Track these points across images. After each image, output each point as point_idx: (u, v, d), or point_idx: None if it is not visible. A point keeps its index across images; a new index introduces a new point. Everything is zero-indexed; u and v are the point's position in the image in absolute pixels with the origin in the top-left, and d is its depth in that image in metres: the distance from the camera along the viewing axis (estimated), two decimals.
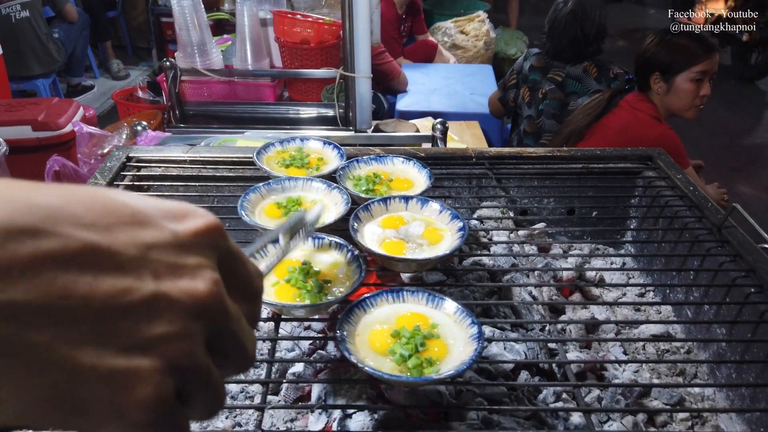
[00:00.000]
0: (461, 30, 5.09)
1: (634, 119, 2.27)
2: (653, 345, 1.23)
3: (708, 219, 1.23)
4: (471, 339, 0.87)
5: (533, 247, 1.39)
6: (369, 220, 1.14)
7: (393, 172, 1.32)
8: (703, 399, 1.13)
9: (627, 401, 1.07)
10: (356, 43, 2.16)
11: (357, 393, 1.03)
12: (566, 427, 0.97)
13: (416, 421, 0.95)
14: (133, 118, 2.71)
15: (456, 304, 0.92)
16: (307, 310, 0.94)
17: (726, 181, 4.37)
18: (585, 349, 1.22)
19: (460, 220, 1.11)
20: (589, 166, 1.44)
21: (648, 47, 2.29)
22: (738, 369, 1.09)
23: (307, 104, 2.82)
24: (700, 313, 1.22)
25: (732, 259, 1.13)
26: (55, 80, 4.88)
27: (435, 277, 1.24)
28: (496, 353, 1.06)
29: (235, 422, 1.05)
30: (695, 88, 2.19)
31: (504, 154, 1.47)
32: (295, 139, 1.40)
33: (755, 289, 1.06)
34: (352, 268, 1.02)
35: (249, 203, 1.16)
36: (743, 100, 6.19)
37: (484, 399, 0.97)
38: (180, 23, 2.67)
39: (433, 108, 3.35)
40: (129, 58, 6.41)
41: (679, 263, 1.27)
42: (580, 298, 1.33)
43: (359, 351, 0.87)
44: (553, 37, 2.79)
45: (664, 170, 1.41)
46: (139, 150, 1.46)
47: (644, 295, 1.37)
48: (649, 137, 2.15)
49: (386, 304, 0.95)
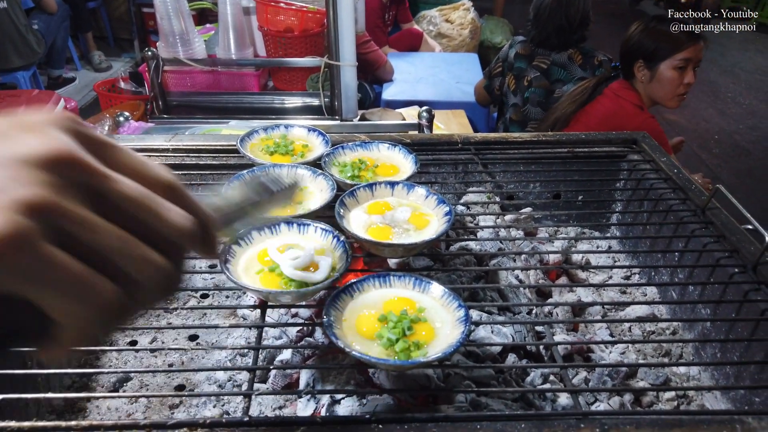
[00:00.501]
0: (446, 18, 5.08)
1: (618, 107, 2.27)
2: (639, 326, 1.24)
3: (692, 201, 1.24)
4: (458, 322, 0.87)
5: (520, 232, 1.39)
6: (355, 206, 1.13)
7: (378, 159, 1.31)
8: (689, 379, 1.14)
9: (614, 382, 1.08)
10: (341, 31, 2.14)
11: (345, 379, 1.03)
12: (554, 408, 0.97)
13: (405, 406, 0.95)
14: (116, 109, 2.67)
15: (443, 288, 0.92)
16: (293, 296, 0.93)
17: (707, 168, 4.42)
18: (572, 331, 1.23)
19: (446, 204, 1.10)
20: (574, 151, 1.44)
21: (632, 35, 2.29)
22: (723, 348, 1.10)
23: (292, 93, 2.80)
24: (685, 293, 1.23)
25: (716, 240, 1.14)
26: (35, 73, 4.80)
27: (422, 262, 1.24)
28: (483, 337, 1.06)
29: (223, 410, 1.04)
30: (679, 75, 2.20)
31: (490, 139, 1.46)
32: (279, 126, 1.39)
33: (739, 269, 1.07)
34: (338, 254, 1.01)
35: None
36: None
37: (472, 382, 0.98)
38: (161, 12, 2.63)
39: (419, 97, 3.35)
40: (111, 50, 6.31)
41: (664, 245, 1.28)
42: (567, 282, 1.34)
43: (346, 336, 0.87)
44: (538, 25, 2.79)
45: (649, 153, 1.42)
46: (121, 139, 1.44)
47: (630, 278, 1.38)
48: (631, 125, 2.16)
49: (373, 289, 0.95)
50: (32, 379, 0.99)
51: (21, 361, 0.96)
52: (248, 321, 1.24)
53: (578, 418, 0.79)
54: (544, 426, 0.77)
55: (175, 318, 1.25)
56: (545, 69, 2.81)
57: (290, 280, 0.95)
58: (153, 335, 1.20)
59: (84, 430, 0.76)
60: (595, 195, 1.47)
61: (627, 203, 1.46)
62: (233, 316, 1.27)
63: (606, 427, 0.77)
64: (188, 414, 1.03)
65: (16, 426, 0.76)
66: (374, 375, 1.00)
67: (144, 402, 1.05)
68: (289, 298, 0.95)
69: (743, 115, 5.73)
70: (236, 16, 2.73)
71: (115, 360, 1.15)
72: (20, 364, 0.96)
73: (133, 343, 1.18)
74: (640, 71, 2.25)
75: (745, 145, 5.17)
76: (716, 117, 5.63)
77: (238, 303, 1.28)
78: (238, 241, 1.01)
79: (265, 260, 0.99)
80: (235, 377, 1.11)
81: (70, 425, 0.76)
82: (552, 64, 2.80)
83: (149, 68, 2.55)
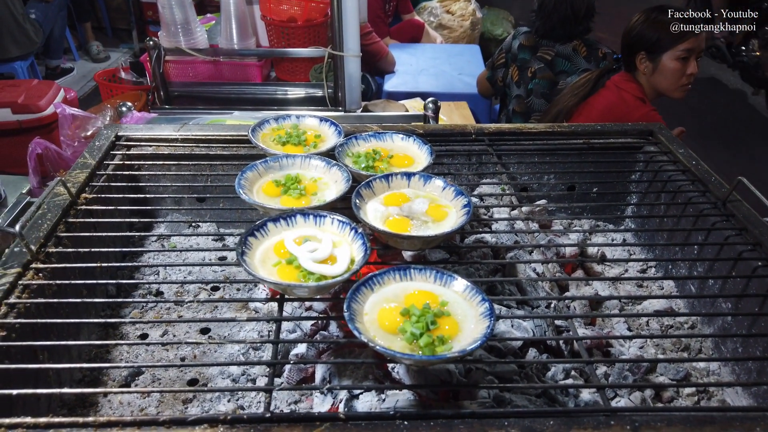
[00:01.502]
0: (447, 9, 5.03)
1: (620, 99, 2.25)
2: (657, 321, 1.22)
3: (712, 193, 1.22)
4: (482, 316, 0.85)
5: (535, 224, 1.37)
6: (371, 198, 1.11)
7: (392, 149, 1.29)
8: (709, 374, 1.13)
9: (634, 377, 1.06)
10: (344, 21, 2.10)
11: (363, 374, 1.01)
12: (576, 404, 0.96)
13: (426, 401, 0.93)
14: (117, 99, 2.63)
15: (466, 282, 0.90)
16: (312, 289, 0.91)
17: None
18: (589, 325, 1.21)
19: (465, 196, 1.08)
20: (590, 142, 1.42)
21: (634, 26, 2.26)
22: (744, 343, 1.08)
23: (295, 84, 2.76)
24: (704, 287, 1.21)
25: (738, 233, 1.12)
26: (33, 63, 4.73)
27: (438, 255, 1.21)
28: (503, 331, 1.04)
29: (238, 405, 1.02)
30: (681, 66, 2.17)
31: (504, 130, 1.44)
32: (290, 116, 1.36)
33: (762, 263, 1.05)
34: (356, 246, 0.99)
35: (246, 181, 1.12)
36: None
37: (494, 377, 0.96)
38: (163, 1, 2.59)
39: (421, 88, 3.32)
40: (109, 40, 6.24)
41: (683, 238, 1.26)
42: (583, 275, 1.32)
43: (368, 330, 0.85)
44: (542, 16, 2.75)
45: (666, 145, 1.39)
46: (128, 129, 1.41)
47: (646, 271, 1.36)
48: (633, 118, 2.14)
49: (393, 282, 0.93)
50: (43, 374, 0.96)
51: (32, 355, 0.94)
52: (261, 314, 1.22)
53: (607, 415, 0.77)
54: (573, 423, 0.75)
55: (186, 311, 1.23)
56: (549, 60, 2.78)
57: (309, 272, 0.93)
58: (164, 328, 1.18)
59: (102, 426, 0.74)
60: (610, 187, 1.45)
61: (643, 195, 1.44)
62: (244, 309, 1.25)
63: (637, 425, 0.75)
64: (202, 409, 1.01)
65: (32, 422, 0.73)
66: (394, 370, 0.98)
67: (156, 396, 1.03)
68: (307, 292, 0.93)
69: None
70: (238, 5, 2.69)
71: (126, 354, 1.12)
72: (31, 358, 0.93)
73: (143, 336, 1.16)
74: (642, 63, 2.23)
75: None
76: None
77: (250, 296, 1.26)
78: (254, 232, 0.99)
79: (282, 252, 0.97)
80: (248, 371, 1.09)
81: (87, 421, 0.74)
82: (556, 56, 2.77)
83: (150, 58, 2.51)
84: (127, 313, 1.22)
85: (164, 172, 1.33)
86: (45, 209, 1.11)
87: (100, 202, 1.18)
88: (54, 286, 0.99)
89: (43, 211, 1.10)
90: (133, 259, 1.35)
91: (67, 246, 1.07)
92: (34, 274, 0.98)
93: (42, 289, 0.97)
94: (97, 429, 0.74)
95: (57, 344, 0.98)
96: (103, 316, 1.20)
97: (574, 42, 2.75)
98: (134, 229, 1.42)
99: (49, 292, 0.99)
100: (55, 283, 0.99)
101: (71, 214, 1.13)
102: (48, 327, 0.98)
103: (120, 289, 1.27)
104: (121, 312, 1.23)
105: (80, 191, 1.18)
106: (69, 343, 1.02)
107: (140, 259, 1.35)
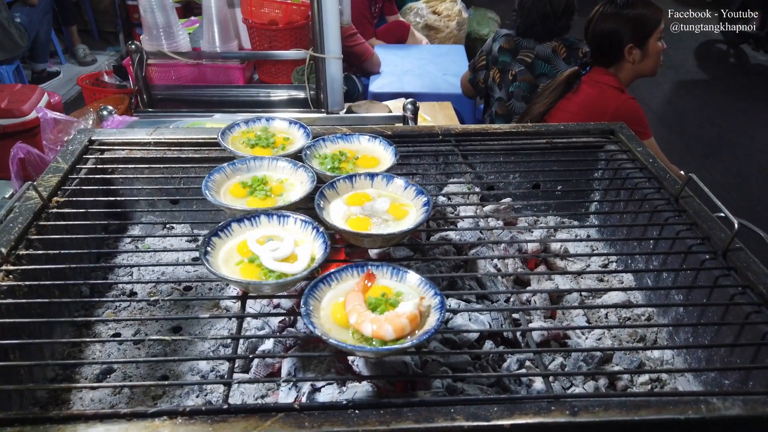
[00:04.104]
0: (433, 10, 5.07)
1: (598, 92, 2.30)
2: (615, 313, 1.26)
3: (666, 189, 1.27)
4: (434, 309, 0.89)
5: (499, 222, 1.41)
6: (335, 198, 1.15)
7: (359, 150, 1.32)
8: (663, 363, 1.17)
9: (588, 367, 1.10)
10: (325, 23, 2.14)
11: (326, 367, 1.05)
12: (528, 392, 1.00)
13: (384, 392, 0.97)
14: (100, 103, 2.66)
15: (419, 276, 0.94)
16: (273, 286, 0.95)
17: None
18: (549, 319, 1.25)
19: (425, 195, 1.12)
20: (553, 141, 1.46)
21: (606, 27, 2.29)
22: (694, 332, 1.13)
23: (277, 86, 2.79)
24: (659, 280, 1.26)
25: (689, 228, 1.17)
26: (18, 67, 4.74)
27: (402, 252, 1.25)
28: (461, 324, 1.08)
29: (206, 400, 1.06)
30: (661, 45, 2.28)
31: (470, 131, 1.48)
32: (260, 119, 1.40)
33: (710, 256, 1.09)
34: (317, 245, 1.03)
35: (214, 183, 1.16)
36: None
37: (448, 368, 1.00)
38: (144, 5, 2.61)
39: (407, 89, 3.35)
40: (95, 43, 6.25)
41: (640, 233, 1.30)
42: (546, 270, 1.36)
43: (324, 325, 0.88)
44: (522, 13, 2.80)
45: (626, 143, 1.44)
46: (102, 133, 1.45)
47: (607, 266, 1.40)
48: (611, 107, 2.20)
49: (351, 278, 0.97)
50: (15, 372, 1.00)
51: (2, 354, 0.97)
52: (230, 312, 1.25)
53: (549, 401, 0.81)
54: (516, 409, 0.79)
55: (158, 310, 1.26)
56: (529, 63, 2.82)
57: (270, 270, 0.97)
58: (137, 327, 1.21)
59: (64, 420, 0.77)
60: (573, 185, 1.50)
61: (605, 193, 1.49)
62: (216, 307, 1.28)
63: (576, 409, 0.79)
64: (171, 404, 1.05)
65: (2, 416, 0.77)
66: (354, 363, 1.02)
67: (127, 393, 1.06)
68: (269, 289, 0.96)
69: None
70: (220, 8, 2.72)
71: (98, 352, 1.16)
72: (2, 356, 0.96)
73: (116, 335, 1.19)
74: (632, 54, 2.28)
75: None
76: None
77: (221, 294, 1.29)
78: (218, 233, 1.02)
79: (245, 251, 1.01)
80: (218, 367, 1.12)
81: (50, 416, 0.77)
82: (536, 58, 2.81)
83: (133, 62, 2.53)
84: (101, 313, 1.26)
85: (137, 175, 1.37)
86: (16, 213, 1.14)
87: (72, 206, 1.21)
88: (24, 287, 1.02)
89: (14, 214, 1.13)
90: (107, 260, 1.38)
91: (38, 248, 1.10)
92: (5, 275, 1.01)
93: (12, 290, 1.00)
94: (60, 423, 0.77)
95: (27, 342, 1.01)
96: (76, 316, 1.23)
97: (553, 43, 2.79)
98: (108, 231, 1.45)
99: (20, 294, 1.02)
100: (26, 284, 1.02)
101: (42, 217, 1.16)
102: (19, 327, 1.01)
103: (93, 289, 1.30)
104: (94, 312, 1.26)
105: (52, 195, 1.21)
106: (39, 341, 1.06)
107: (114, 261, 1.38)
